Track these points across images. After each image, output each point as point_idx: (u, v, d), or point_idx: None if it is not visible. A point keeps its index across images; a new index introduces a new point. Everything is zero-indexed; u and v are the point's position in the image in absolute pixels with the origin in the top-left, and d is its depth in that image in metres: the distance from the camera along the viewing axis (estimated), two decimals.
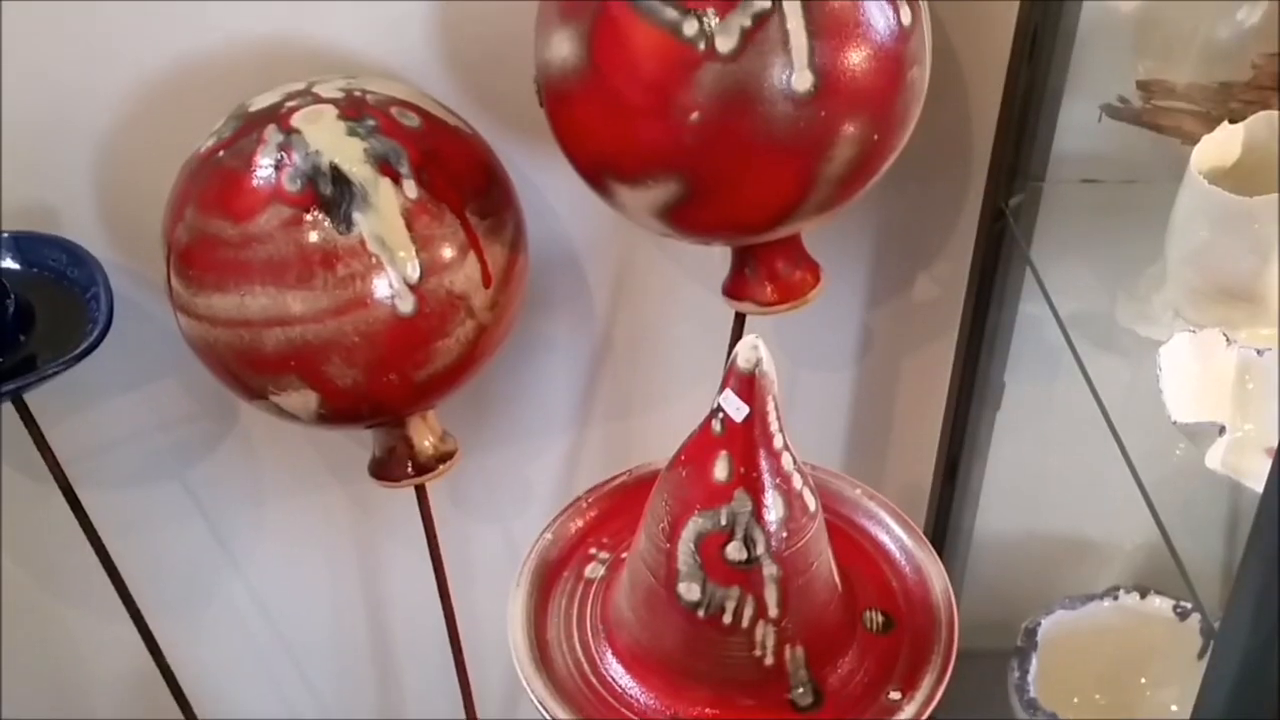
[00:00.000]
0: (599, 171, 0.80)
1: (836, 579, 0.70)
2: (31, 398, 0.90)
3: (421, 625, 1.18)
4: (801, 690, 0.68)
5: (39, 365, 0.86)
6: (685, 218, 0.79)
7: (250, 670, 1.22)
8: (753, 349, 0.64)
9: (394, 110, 0.82)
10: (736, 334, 0.93)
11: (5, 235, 0.92)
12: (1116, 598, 1.09)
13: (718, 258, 0.97)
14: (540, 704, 0.68)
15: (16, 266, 0.92)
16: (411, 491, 0.95)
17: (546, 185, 0.97)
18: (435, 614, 1.07)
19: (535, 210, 0.92)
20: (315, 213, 0.78)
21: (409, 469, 0.91)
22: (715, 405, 0.65)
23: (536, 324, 1.03)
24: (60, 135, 0.93)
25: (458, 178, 0.83)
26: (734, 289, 0.88)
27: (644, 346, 1.06)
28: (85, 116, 0.93)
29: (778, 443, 0.65)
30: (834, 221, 0.83)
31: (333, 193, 0.78)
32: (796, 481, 0.65)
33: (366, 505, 1.14)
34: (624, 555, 0.75)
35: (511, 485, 1.13)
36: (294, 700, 1.25)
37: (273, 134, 0.80)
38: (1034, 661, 1.03)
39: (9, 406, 0.91)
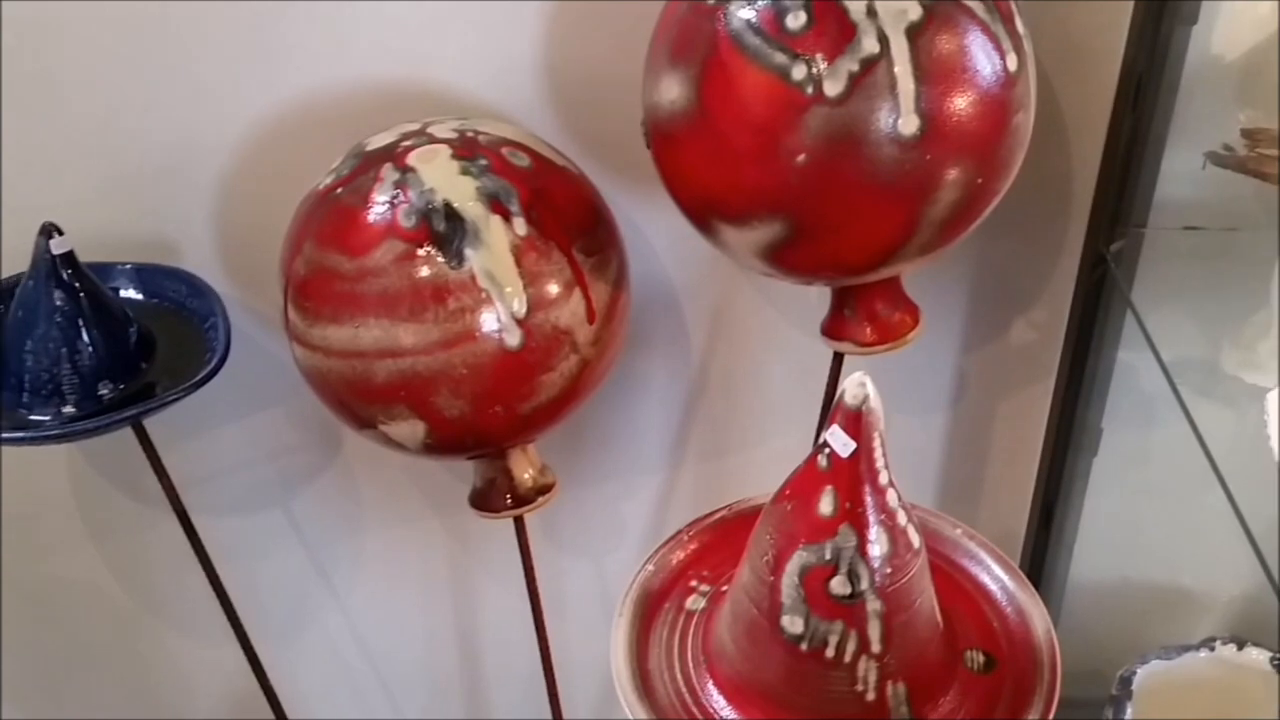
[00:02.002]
0: (704, 212, 0.82)
1: (938, 617, 0.70)
2: (147, 424, 0.93)
3: (512, 657, 1.20)
4: None
5: (158, 392, 0.89)
6: (788, 258, 0.81)
7: (343, 698, 1.24)
8: (860, 385, 0.65)
9: (505, 150, 0.85)
10: (834, 374, 0.94)
11: (129, 267, 0.96)
12: (1213, 648, 1.07)
13: (814, 299, 0.98)
14: None
15: (139, 297, 0.96)
16: (507, 525, 0.97)
17: (647, 225, 0.99)
18: (525, 647, 1.09)
19: (636, 250, 0.94)
20: (428, 248, 0.80)
21: (508, 500, 0.93)
22: (821, 441, 0.66)
23: (634, 362, 1.05)
24: (182, 172, 0.97)
25: (565, 216, 0.85)
26: (833, 329, 0.89)
27: (739, 387, 1.08)
28: (206, 154, 0.96)
29: (883, 479, 0.65)
30: (934, 264, 0.84)
31: (445, 229, 0.81)
32: (901, 518, 0.66)
33: (463, 538, 1.16)
34: (724, 588, 0.76)
35: (605, 521, 1.15)
36: None
37: (389, 172, 0.83)
38: (1128, 711, 1.02)
39: (127, 432, 0.94)
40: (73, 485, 1.11)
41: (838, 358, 0.93)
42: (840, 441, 0.65)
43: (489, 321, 0.81)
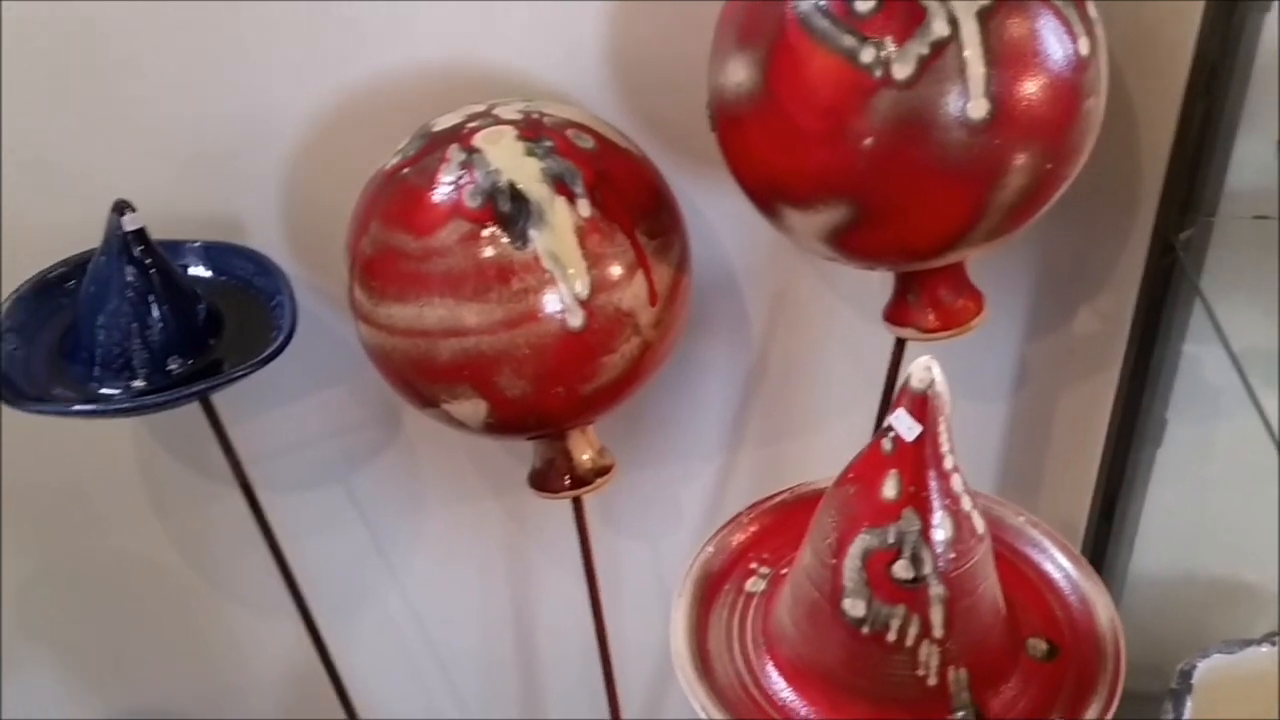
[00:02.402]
0: (769, 195, 0.82)
1: (1001, 604, 0.70)
2: (214, 399, 0.94)
3: (566, 639, 1.21)
4: (963, 713, 0.68)
5: (225, 368, 0.91)
6: (853, 242, 0.80)
7: (399, 675, 1.26)
8: (926, 369, 0.64)
9: (570, 132, 0.85)
10: (895, 361, 0.94)
11: (198, 244, 0.97)
12: (1275, 643, 1.06)
13: (876, 285, 0.98)
14: (703, 710, 0.69)
15: (207, 274, 0.97)
16: (565, 506, 0.97)
17: (709, 209, 0.99)
18: (581, 628, 1.09)
19: (698, 234, 0.94)
20: (493, 229, 0.81)
21: (567, 481, 0.93)
22: (886, 424, 0.66)
23: (694, 346, 1.05)
24: (250, 152, 0.98)
25: (629, 198, 0.85)
26: (895, 315, 0.89)
27: (798, 372, 1.07)
28: (274, 135, 0.98)
29: (948, 464, 0.65)
30: (999, 250, 0.83)
31: (510, 210, 0.81)
32: (965, 503, 0.66)
33: (520, 519, 1.16)
34: (784, 571, 0.76)
35: (662, 505, 1.15)
36: (440, 706, 1.28)
37: (455, 153, 0.83)
38: (1188, 705, 1.00)
39: (193, 407, 0.95)
40: (138, 460, 1.13)
41: (899, 344, 0.93)
42: (905, 425, 0.64)
43: (552, 302, 0.81)
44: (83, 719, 1.28)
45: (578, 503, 0.97)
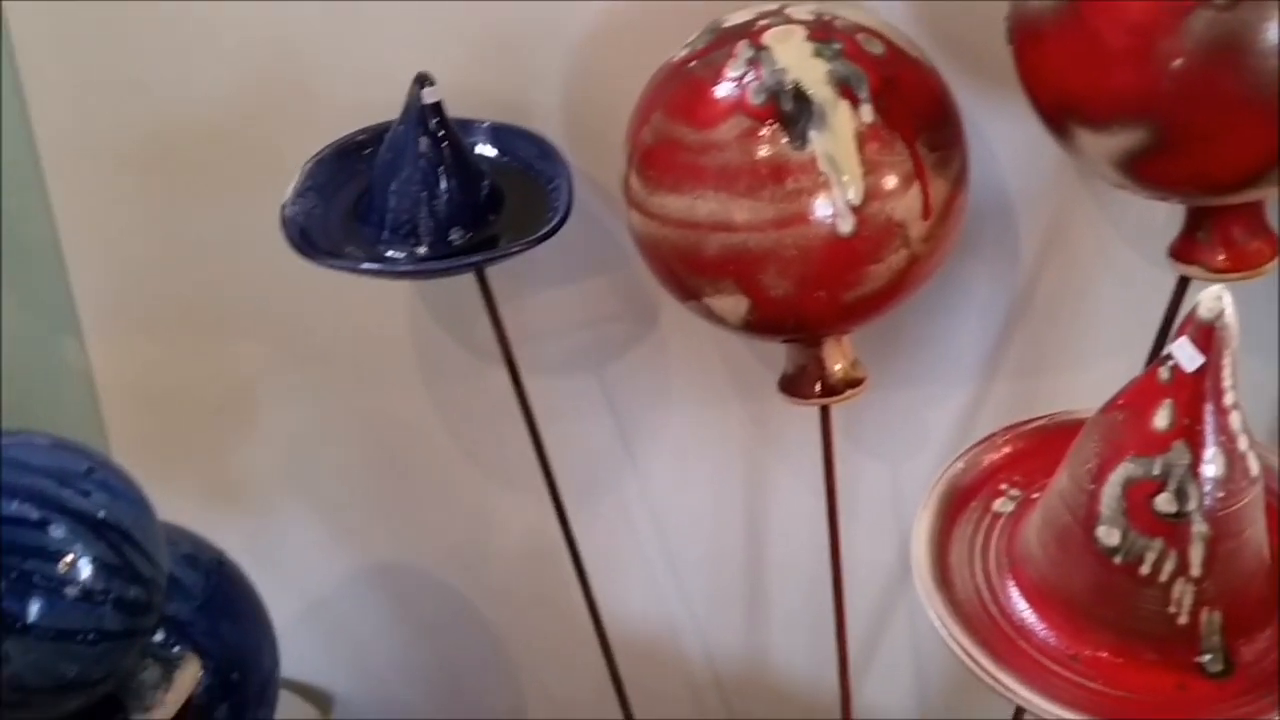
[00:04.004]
0: (1063, 114, 0.79)
1: (1266, 552, 0.67)
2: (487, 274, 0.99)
3: (798, 550, 1.22)
4: (1211, 657, 0.66)
5: (502, 244, 0.95)
6: (1147, 169, 0.77)
7: (630, 564, 1.30)
8: (1217, 299, 0.62)
9: (860, 36, 0.85)
10: (1175, 300, 0.90)
11: (486, 125, 1.01)
12: None
13: (1160, 223, 0.94)
14: (939, 621, 0.69)
15: (493, 153, 1.01)
16: (809, 417, 0.98)
17: (991, 129, 0.97)
18: (812, 541, 1.10)
19: (977, 154, 0.92)
20: (773, 127, 0.81)
21: (817, 389, 0.94)
22: (1166, 352, 0.64)
23: (959, 269, 1.03)
24: (544, 40, 1.01)
25: (913, 108, 0.84)
26: (1182, 251, 0.85)
27: (1066, 306, 1.04)
28: (566, 26, 1.00)
29: (1228, 399, 0.62)
30: None
31: (793, 109, 0.81)
32: (1242, 443, 0.63)
33: (763, 426, 1.18)
34: (1035, 496, 0.75)
35: (907, 428, 1.14)
36: (666, 601, 1.31)
37: (743, 49, 0.84)
38: None
39: (466, 283, 1.00)
40: (412, 329, 1.20)
41: (1181, 283, 0.89)
42: (1187, 354, 0.62)
43: (823, 206, 0.82)
44: (341, 564, 1.37)
45: (825, 412, 0.97)
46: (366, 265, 0.92)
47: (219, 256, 1.21)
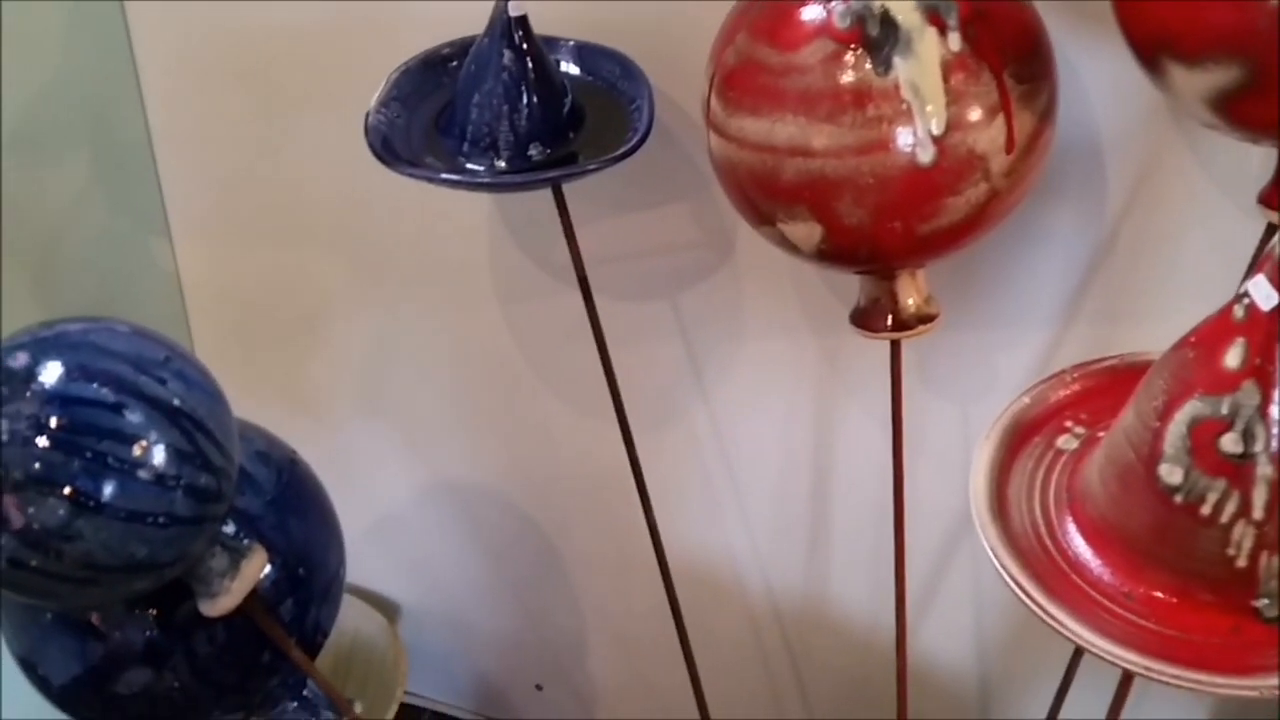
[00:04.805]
0: (1156, 47, 0.77)
1: None
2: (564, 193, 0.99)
3: (862, 486, 1.22)
4: (1268, 601, 0.65)
5: (580, 162, 0.95)
6: (1241, 109, 0.75)
7: (693, 493, 1.31)
8: None
9: None
10: (1263, 246, 0.88)
11: (570, 43, 1.02)
12: None
13: (1254, 170, 0.91)
14: (993, 554, 0.69)
15: (575, 71, 1.01)
16: (880, 354, 0.97)
17: (1083, 65, 0.95)
18: (877, 478, 1.10)
19: (1067, 90, 0.90)
20: (858, 52, 0.80)
21: (889, 322, 0.93)
22: (1242, 290, 0.62)
23: (1041, 208, 1.01)
24: None
25: (1003, 39, 0.82)
26: (1272, 198, 0.83)
27: (1149, 252, 1.02)
28: None
29: None
30: None
31: (879, 35, 0.80)
32: None
33: (833, 361, 1.17)
34: (1101, 434, 0.74)
35: (978, 369, 1.13)
36: (728, 531, 1.32)
37: None
38: None
39: (543, 203, 1.00)
40: (490, 247, 1.21)
41: (1269, 230, 0.86)
42: (1263, 293, 0.61)
43: (904, 134, 0.81)
44: (411, 480, 1.40)
45: (895, 347, 0.97)
46: (446, 175, 0.92)
47: (306, 169, 1.23)
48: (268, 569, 0.91)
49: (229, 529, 0.88)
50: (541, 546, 1.40)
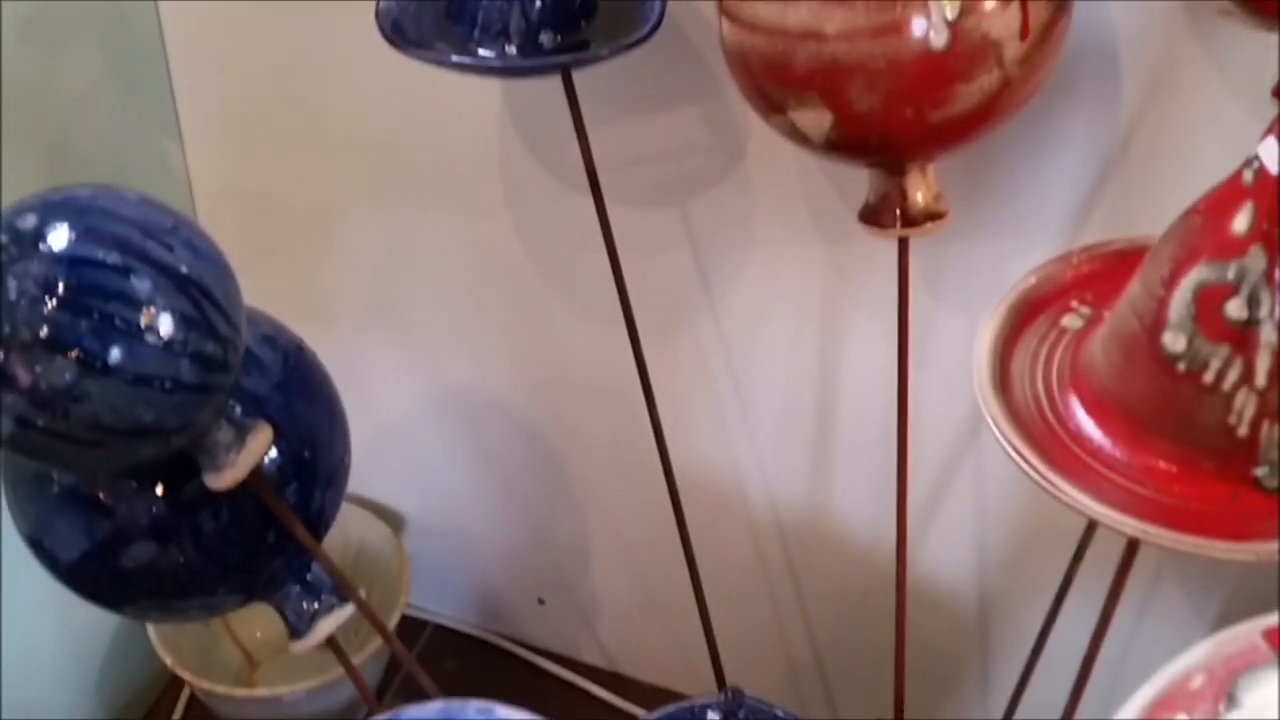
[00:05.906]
0: None
1: None
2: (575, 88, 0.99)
3: (869, 396, 1.22)
4: (1268, 470, 0.65)
5: (590, 50, 0.95)
6: None
7: (700, 406, 1.31)
8: None
9: None
10: None
11: None
12: None
13: (1269, 78, 0.90)
14: (995, 425, 0.69)
15: None
16: (889, 263, 0.97)
17: None
18: (884, 387, 1.09)
19: None
20: None
21: (898, 219, 0.93)
22: (1252, 154, 0.62)
23: (1053, 110, 1.00)
24: None
25: None
26: None
27: (1165, 158, 1.01)
28: None
29: None
30: None
31: None
32: None
33: (841, 270, 1.17)
34: (1106, 313, 0.74)
35: (988, 279, 1.12)
36: (734, 443, 1.32)
37: None
38: None
39: (555, 100, 1.00)
40: (501, 150, 1.21)
41: None
42: (1273, 155, 0.60)
43: (918, 17, 0.80)
44: (418, 388, 1.40)
45: (903, 244, 0.96)
46: (455, 58, 0.92)
47: (318, 71, 1.22)
48: (273, 453, 0.91)
49: (236, 411, 0.88)
50: (546, 458, 1.41)
